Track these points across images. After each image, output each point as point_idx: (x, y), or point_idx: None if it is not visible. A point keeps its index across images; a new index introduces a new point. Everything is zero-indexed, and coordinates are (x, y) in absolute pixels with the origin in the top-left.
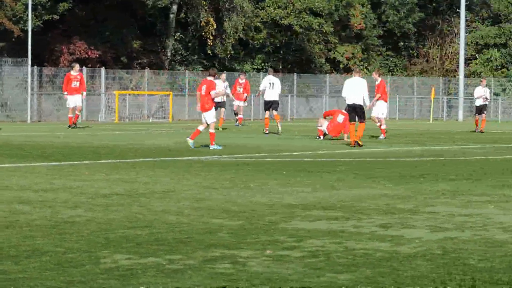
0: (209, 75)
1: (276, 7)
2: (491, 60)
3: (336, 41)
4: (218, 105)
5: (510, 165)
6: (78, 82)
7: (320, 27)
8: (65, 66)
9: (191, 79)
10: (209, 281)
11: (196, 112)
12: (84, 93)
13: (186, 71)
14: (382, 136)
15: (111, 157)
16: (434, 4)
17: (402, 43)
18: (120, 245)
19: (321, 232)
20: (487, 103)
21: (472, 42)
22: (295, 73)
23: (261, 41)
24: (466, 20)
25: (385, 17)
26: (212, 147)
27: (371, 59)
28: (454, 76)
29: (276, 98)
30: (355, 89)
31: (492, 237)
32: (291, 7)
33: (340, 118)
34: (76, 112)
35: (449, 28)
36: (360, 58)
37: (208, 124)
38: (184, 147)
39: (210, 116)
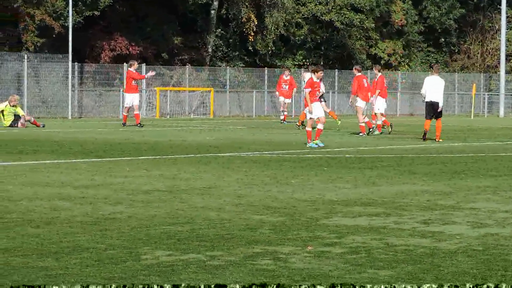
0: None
1: (317, 3)
2: None
3: (377, 37)
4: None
5: None
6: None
7: (361, 23)
8: (105, 62)
9: (232, 75)
10: (250, 277)
11: (237, 108)
12: (149, 73)
13: (227, 67)
14: (377, 132)
15: (152, 153)
16: (475, 0)
17: (443, 39)
18: (161, 241)
19: (362, 228)
20: None
21: None
22: (336, 69)
23: (302, 37)
24: (507, 16)
25: (426, 13)
26: (309, 144)
27: (412, 55)
28: (495, 72)
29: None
30: (434, 87)
31: None
32: (332, 3)
33: (365, 83)
34: (136, 111)
35: (490, 24)
36: (401, 54)
37: (315, 120)
38: (225, 143)
39: (309, 113)
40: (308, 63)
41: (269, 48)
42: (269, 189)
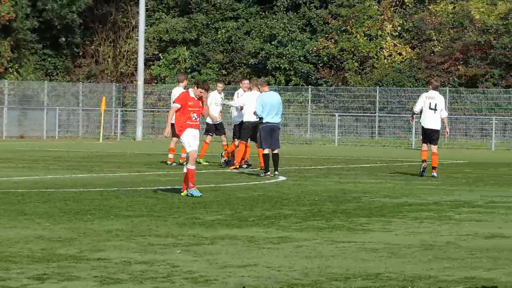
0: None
1: None
2: (179, 61)
3: None
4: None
5: (203, 198)
6: None
7: None
8: None
9: None
10: None
11: None
12: None
13: None
14: None
15: None
16: None
17: (63, 39)
18: None
19: None
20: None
21: (154, 38)
22: None
23: None
24: (147, 9)
25: (41, 4)
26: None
27: (22, 59)
28: (131, 82)
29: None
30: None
31: None
32: None
33: None
34: None
35: (125, 20)
36: (8, 58)
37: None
38: None
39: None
40: None
41: None
42: None
